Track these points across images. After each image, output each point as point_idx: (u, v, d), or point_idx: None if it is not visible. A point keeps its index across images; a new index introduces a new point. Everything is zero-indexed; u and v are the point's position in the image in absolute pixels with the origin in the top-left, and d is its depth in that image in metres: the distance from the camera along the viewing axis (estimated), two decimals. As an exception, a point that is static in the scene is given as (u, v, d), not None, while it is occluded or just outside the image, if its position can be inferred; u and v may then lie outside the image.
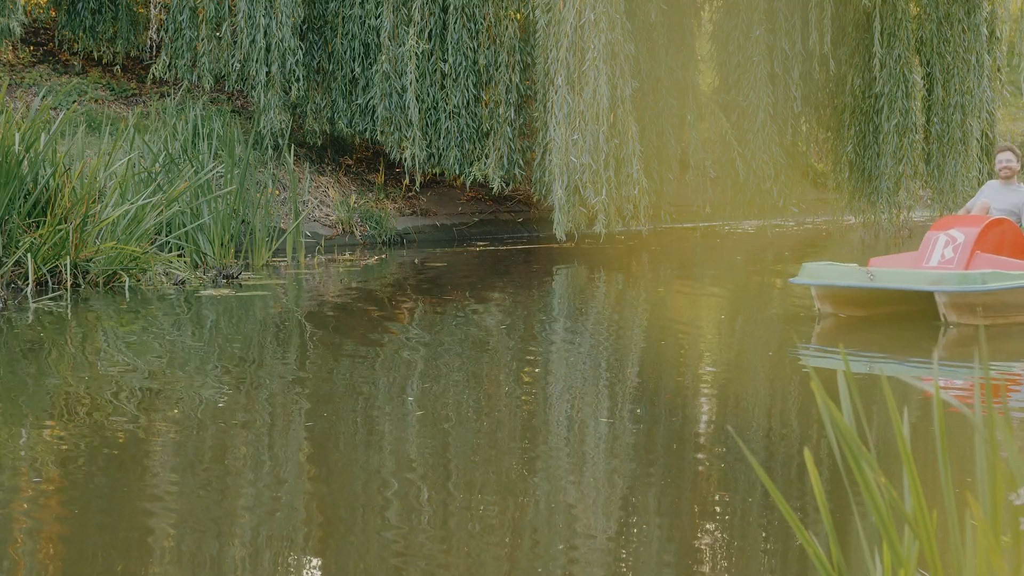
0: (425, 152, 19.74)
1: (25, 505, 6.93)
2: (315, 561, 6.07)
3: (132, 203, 15.41)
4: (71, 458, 7.87)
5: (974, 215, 12.25)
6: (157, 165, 17.27)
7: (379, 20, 19.73)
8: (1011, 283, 11.30)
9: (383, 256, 19.15)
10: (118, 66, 21.52)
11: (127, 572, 5.89)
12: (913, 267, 11.71)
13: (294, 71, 19.67)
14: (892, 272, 11.52)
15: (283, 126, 19.80)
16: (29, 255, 14.19)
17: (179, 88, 20.82)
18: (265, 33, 19.46)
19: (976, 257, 11.60)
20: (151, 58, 21.16)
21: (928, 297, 11.52)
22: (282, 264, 17.73)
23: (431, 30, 19.61)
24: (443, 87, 19.74)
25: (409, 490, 7.16)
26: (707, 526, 6.56)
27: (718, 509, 6.73)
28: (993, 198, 12.65)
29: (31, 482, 7.39)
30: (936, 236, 11.85)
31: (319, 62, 20.43)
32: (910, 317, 11.71)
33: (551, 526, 6.40)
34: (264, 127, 19.69)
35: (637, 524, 6.59)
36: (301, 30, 20.01)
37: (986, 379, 3.12)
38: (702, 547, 6.17)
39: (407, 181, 20.64)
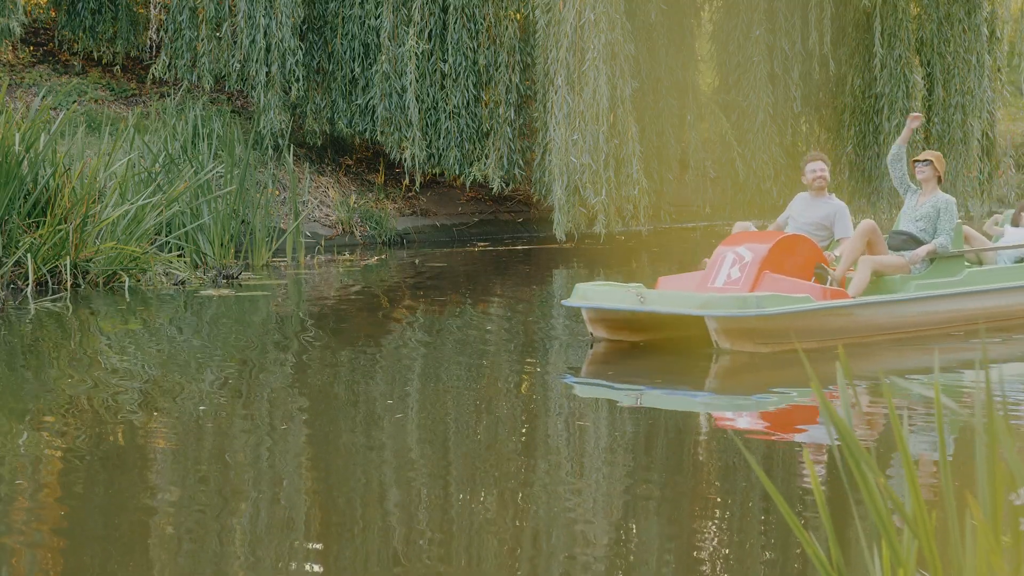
0: (425, 152, 19.74)
1: (25, 504, 6.94)
2: (314, 559, 6.07)
3: (132, 203, 15.41)
4: (71, 457, 7.87)
5: (768, 232, 11.49)
6: (157, 165, 17.27)
7: (379, 20, 19.74)
8: (790, 307, 10.44)
9: (383, 256, 19.15)
10: (118, 66, 21.53)
11: (126, 571, 5.89)
12: (699, 287, 10.86)
13: (294, 71, 19.68)
14: (664, 294, 10.64)
15: (283, 126, 19.80)
16: (29, 255, 14.19)
17: (179, 88, 20.83)
18: (265, 33, 19.46)
19: (764, 278, 10.73)
20: (151, 58, 21.17)
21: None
22: (282, 264, 17.73)
23: (431, 30, 19.61)
24: (443, 87, 19.75)
25: (406, 492, 7.16)
26: (707, 526, 6.56)
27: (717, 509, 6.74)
28: (802, 211, 11.74)
29: (31, 481, 7.39)
30: (725, 254, 10.98)
31: (319, 62, 20.43)
32: (689, 342, 10.78)
33: (554, 523, 6.41)
34: (264, 127, 19.70)
35: (636, 522, 6.60)
36: (301, 30, 20.01)
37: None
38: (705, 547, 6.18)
39: (407, 181, 20.65)
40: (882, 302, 11.13)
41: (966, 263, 12.06)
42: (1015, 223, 12.76)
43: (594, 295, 10.88)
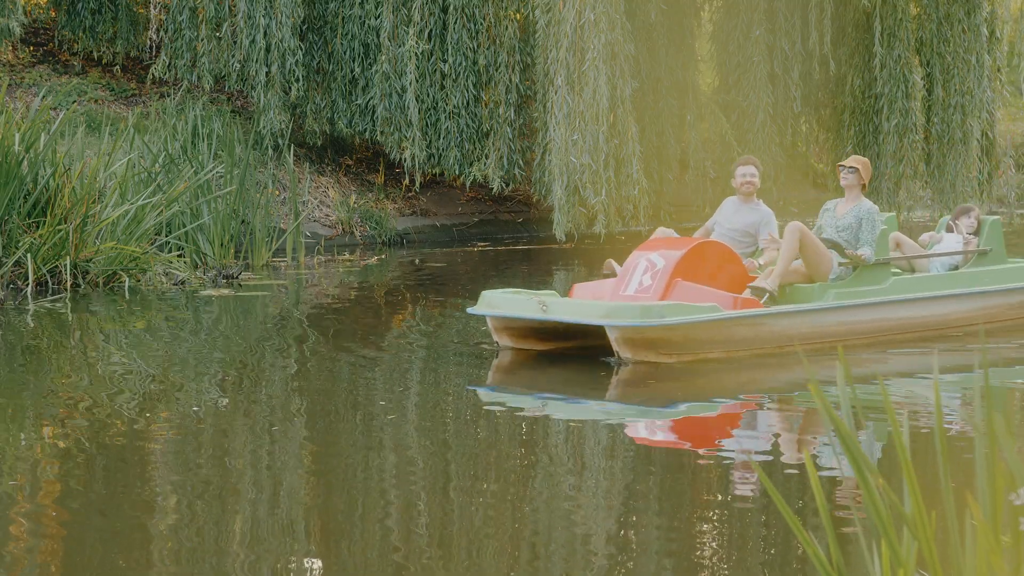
0: (425, 152, 19.74)
1: (25, 504, 6.94)
2: (312, 557, 6.07)
3: (132, 203, 15.41)
4: (71, 457, 7.87)
5: (683, 238, 11.15)
6: (157, 165, 17.27)
7: (379, 20, 19.73)
8: (694, 317, 10.15)
9: (383, 256, 19.15)
10: (118, 66, 21.52)
11: (126, 570, 5.89)
12: (612, 295, 10.51)
13: (294, 71, 19.68)
14: (566, 303, 10.35)
15: (283, 126, 19.80)
16: (29, 255, 14.19)
17: (179, 88, 20.82)
18: (265, 33, 19.46)
19: (676, 286, 10.38)
20: (151, 58, 21.16)
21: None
22: (282, 264, 17.73)
23: (431, 30, 19.61)
24: (443, 87, 19.75)
25: (405, 493, 7.16)
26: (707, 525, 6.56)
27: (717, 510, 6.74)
28: (729, 217, 11.36)
29: (31, 481, 7.39)
30: (638, 261, 10.63)
31: (319, 62, 20.43)
32: (596, 352, 10.35)
33: (554, 528, 6.42)
34: (264, 127, 19.69)
35: (636, 523, 6.60)
36: (301, 30, 20.01)
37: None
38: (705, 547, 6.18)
39: (407, 181, 20.64)
40: (797, 311, 10.66)
41: (897, 271, 11.65)
42: (950, 230, 12.13)
43: (498, 303, 10.58)
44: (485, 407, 9.08)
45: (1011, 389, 9.55)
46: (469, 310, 10.89)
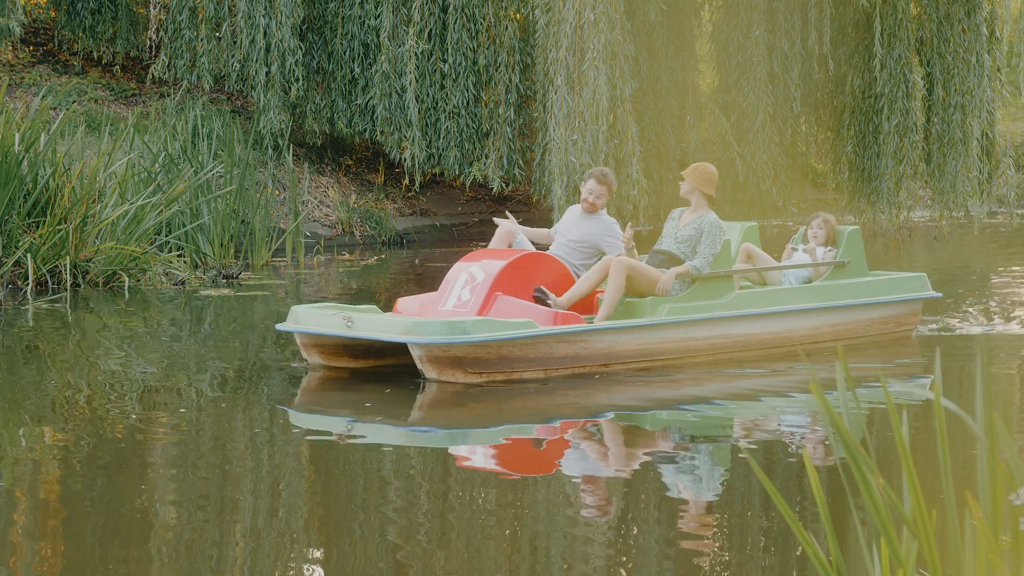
0: (425, 152, 19.74)
1: (24, 503, 6.93)
2: (313, 562, 6.07)
3: (132, 203, 15.41)
4: (70, 457, 7.87)
5: (506, 250, 10.44)
6: (157, 165, 17.27)
7: (379, 20, 19.73)
8: (505, 333, 9.48)
9: (383, 256, 19.15)
10: (118, 66, 21.52)
11: (126, 570, 5.89)
12: (431, 309, 9.97)
13: (294, 71, 19.68)
14: (373, 318, 9.74)
15: (283, 126, 19.80)
16: (29, 255, 14.19)
17: (179, 88, 20.82)
18: (265, 33, 19.46)
19: (496, 301, 9.81)
20: (151, 58, 21.15)
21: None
22: (282, 264, 17.73)
23: (431, 30, 19.61)
24: (443, 87, 19.75)
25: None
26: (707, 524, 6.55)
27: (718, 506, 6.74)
28: (568, 227, 10.74)
29: (30, 481, 7.39)
30: (458, 274, 10.06)
31: (319, 62, 20.43)
32: (409, 371, 9.72)
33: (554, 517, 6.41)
34: (264, 127, 19.70)
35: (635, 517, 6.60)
36: (301, 30, 20.01)
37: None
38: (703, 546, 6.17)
39: (407, 181, 20.64)
40: (623, 328, 10.01)
41: (748, 284, 11.08)
42: (807, 240, 11.52)
43: (304, 319, 9.94)
44: (290, 429, 8.58)
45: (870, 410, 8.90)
46: (278, 326, 10.21)
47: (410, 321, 9.52)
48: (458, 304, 9.90)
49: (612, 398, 9.41)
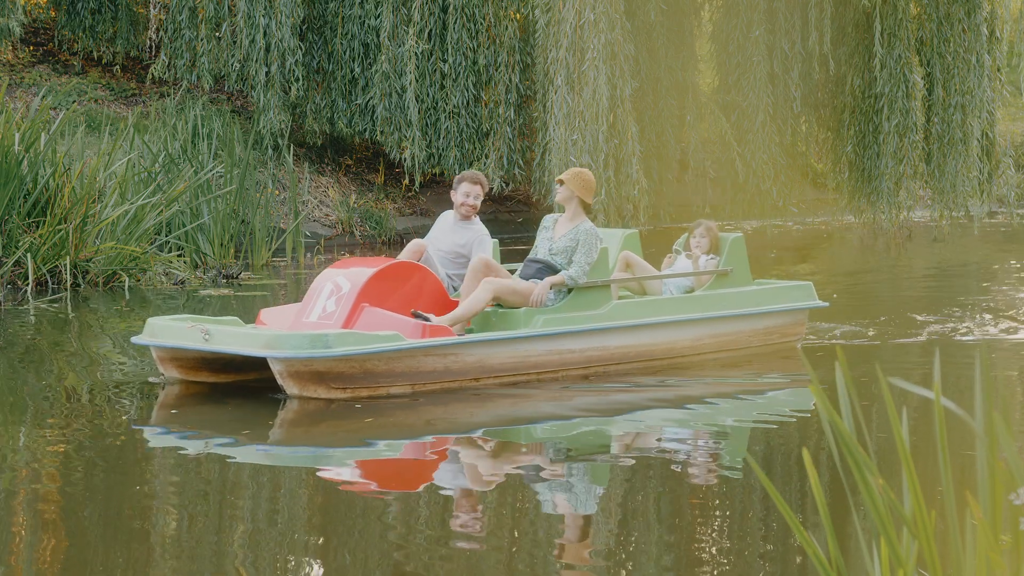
0: (425, 152, 19.75)
1: (24, 503, 6.93)
2: (314, 556, 6.07)
3: (132, 203, 15.41)
4: (70, 457, 7.87)
5: (375, 258, 10.04)
6: (157, 165, 17.27)
7: (379, 20, 19.74)
8: (369, 347, 9.01)
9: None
10: (118, 66, 21.53)
11: (125, 571, 5.89)
12: (295, 321, 9.44)
13: (294, 71, 19.69)
14: (232, 331, 9.20)
15: (283, 126, 19.81)
16: (29, 255, 14.19)
17: (179, 88, 20.83)
18: (265, 33, 19.47)
19: (362, 312, 9.30)
20: (151, 58, 21.16)
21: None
22: (282, 264, 17.73)
23: (431, 30, 19.62)
24: (443, 87, 19.75)
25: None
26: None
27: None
28: (442, 235, 10.25)
29: (30, 481, 7.38)
30: (324, 283, 9.52)
31: (319, 62, 20.44)
32: (272, 385, 9.18)
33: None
34: (264, 127, 19.71)
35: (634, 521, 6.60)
36: (301, 30, 20.02)
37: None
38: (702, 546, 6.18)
39: (407, 181, 20.64)
40: (495, 340, 9.55)
41: (628, 293, 10.69)
42: (689, 248, 11.07)
43: (160, 331, 9.42)
44: (144, 447, 8.18)
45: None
46: (133, 339, 9.68)
47: (270, 334, 9.01)
48: (323, 315, 9.35)
49: (483, 413, 9.03)
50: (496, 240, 10.80)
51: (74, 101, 19.99)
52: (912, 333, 11.96)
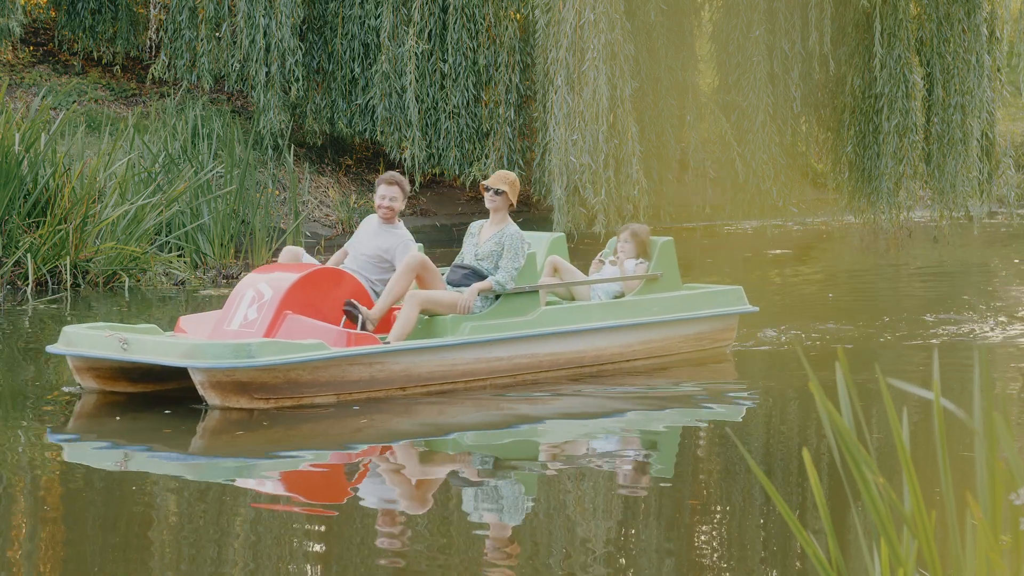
0: (425, 152, 19.75)
1: (24, 504, 6.93)
2: (315, 562, 6.07)
3: (132, 203, 15.41)
4: (70, 458, 7.87)
5: (299, 264, 9.71)
6: (157, 165, 17.27)
7: (379, 20, 19.74)
8: (294, 356, 8.80)
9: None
10: (118, 66, 21.53)
11: (126, 568, 5.89)
12: (215, 329, 9.19)
13: (294, 71, 19.68)
14: (152, 340, 8.93)
15: (283, 126, 19.81)
16: (29, 255, 14.19)
17: (179, 88, 20.82)
18: (265, 33, 19.46)
19: (284, 320, 9.05)
20: (151, 58, 21.16)
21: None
22: (282, 264, 17.71)
23: (431, 30, 19.61)
24: (443, 87, 19.75)
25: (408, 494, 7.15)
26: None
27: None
28: (364, 239, 9.99)
29: (30, 480, 7.38)
30: (245, 289, 9.27)
31: (319, 62, 20.44)
32: (193, 395, 8.95)
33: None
34: (264, 127, 19.70)
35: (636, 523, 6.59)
36: (301, 30, 20.01)
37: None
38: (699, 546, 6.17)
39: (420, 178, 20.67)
40: (421, 348, 9.36)
41: (556, 299, 10.52)
42: (616, 253, 10.88)
43: (76, 340, 9.15)
44: (59, 459, 7.95)
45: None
46: (48, 348, 9.41)
47: (191, 343, 8.82)
48: (244, 323, 9.11)
49: (410, 423, 8.89)
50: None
51: (74, 101, 19.99)
52: (912, 333, 11.95)
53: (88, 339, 9.11)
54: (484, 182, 9.97)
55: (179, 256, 16.24)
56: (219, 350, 8.68)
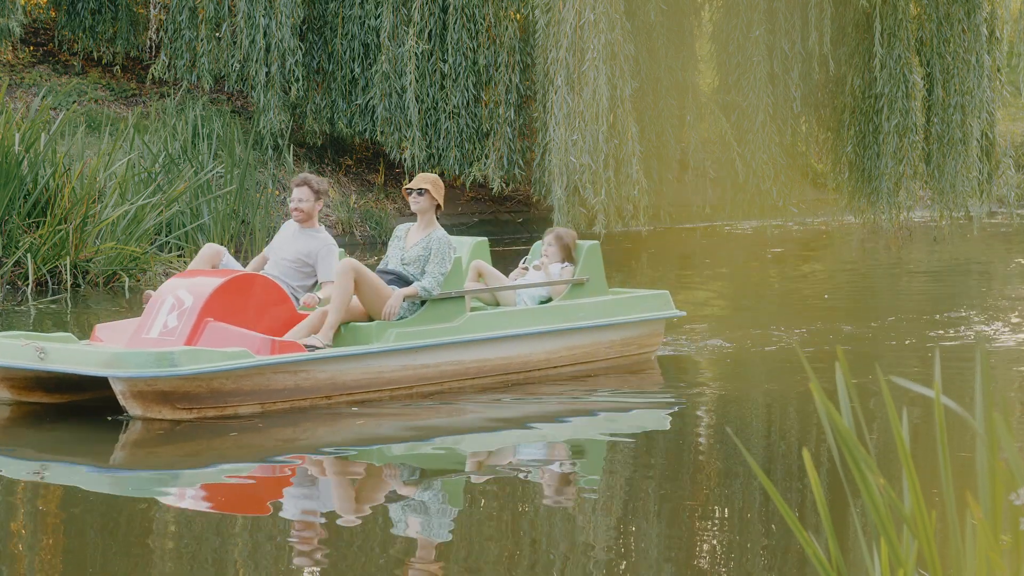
0: (425, 152, 19.75)
1: (24, 505, 6.93)
2: (315, 569, 6.07)
3: (132, 203, 15.41)
4: (70, 459, 7.86)
5: (219, 270, 9.52)
6: (157, 165, 17.27)
7: (379, 20, 19.74)
8: (217, 365, 8.58)
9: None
10: (118, 66, 21.52)
11: (126, 567, 5.89)
12: (133, 338, 8.95)
13: (294, 71, 19.68)
14: (69, 349, 8.68)
15: (283, 126, 19.80)
16: (29, 255, 14.19)
17: (179, 88, 20.82)
18: (265, 33, 19.46)
19: (206, 328, 8.83)
20: (151, 58, 21.15)
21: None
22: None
23: (431, 30, 19.61)
24: (443, 87, 19.75)
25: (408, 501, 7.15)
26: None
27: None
28: (283, 243, 9.93)
29: (30, 483, 7.38)
30: (165, 296, 9.03)
31: (319, 62, 20.43)
32: (112, 405, 8.68)
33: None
34: (264, 127, 19.70)
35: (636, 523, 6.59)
36: (301, 30, 20.01)
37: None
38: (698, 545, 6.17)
39: (407, 181, 20.62)
40: (347, 356, 9.18)
41: (480, 304, 10.39)
42: (542, 257, 10.71)
43: None
44: None
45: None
46: None
47: (111, 352, 8.59)
48: (164, 331, 8.87)
49: (336, 433, 8.76)
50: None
51: (74, 101, 19.99)
52: (912, 333, 11.95)
53: (3, 348, 8.83)
54: (407, 185, 9.82)
55: (179, 256, 16.24)
56: (141, 359, 8.46)
